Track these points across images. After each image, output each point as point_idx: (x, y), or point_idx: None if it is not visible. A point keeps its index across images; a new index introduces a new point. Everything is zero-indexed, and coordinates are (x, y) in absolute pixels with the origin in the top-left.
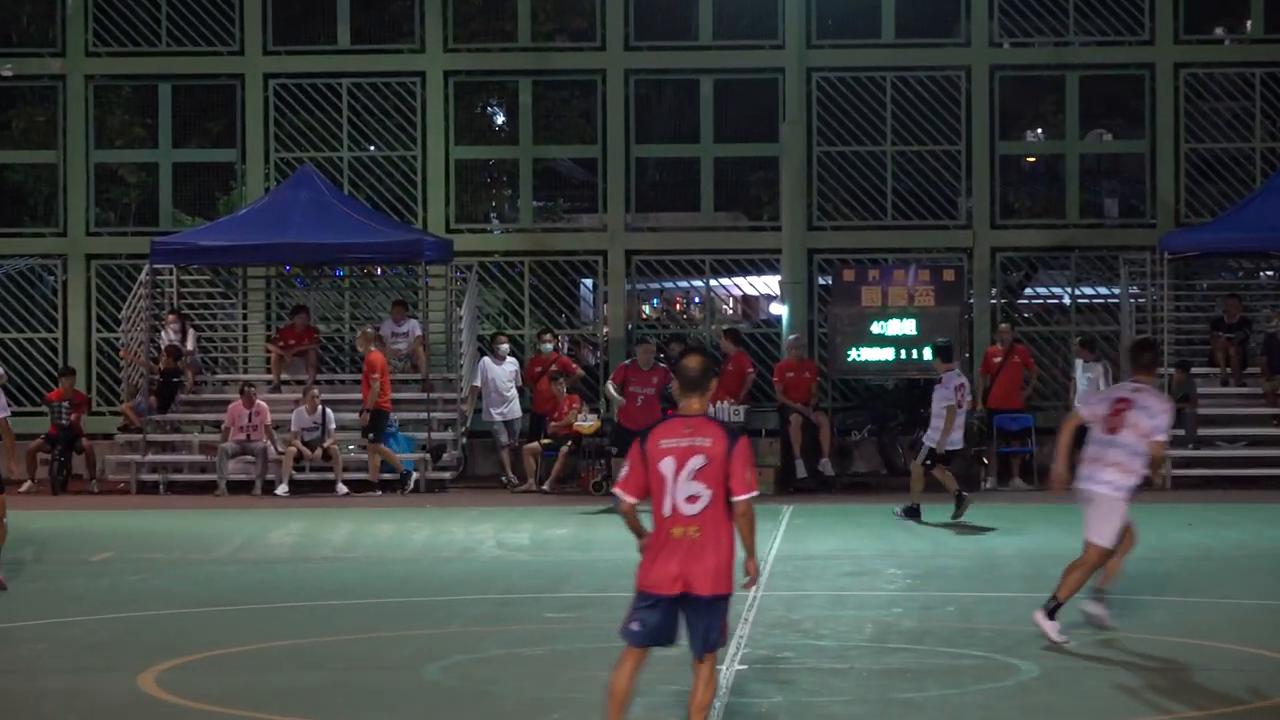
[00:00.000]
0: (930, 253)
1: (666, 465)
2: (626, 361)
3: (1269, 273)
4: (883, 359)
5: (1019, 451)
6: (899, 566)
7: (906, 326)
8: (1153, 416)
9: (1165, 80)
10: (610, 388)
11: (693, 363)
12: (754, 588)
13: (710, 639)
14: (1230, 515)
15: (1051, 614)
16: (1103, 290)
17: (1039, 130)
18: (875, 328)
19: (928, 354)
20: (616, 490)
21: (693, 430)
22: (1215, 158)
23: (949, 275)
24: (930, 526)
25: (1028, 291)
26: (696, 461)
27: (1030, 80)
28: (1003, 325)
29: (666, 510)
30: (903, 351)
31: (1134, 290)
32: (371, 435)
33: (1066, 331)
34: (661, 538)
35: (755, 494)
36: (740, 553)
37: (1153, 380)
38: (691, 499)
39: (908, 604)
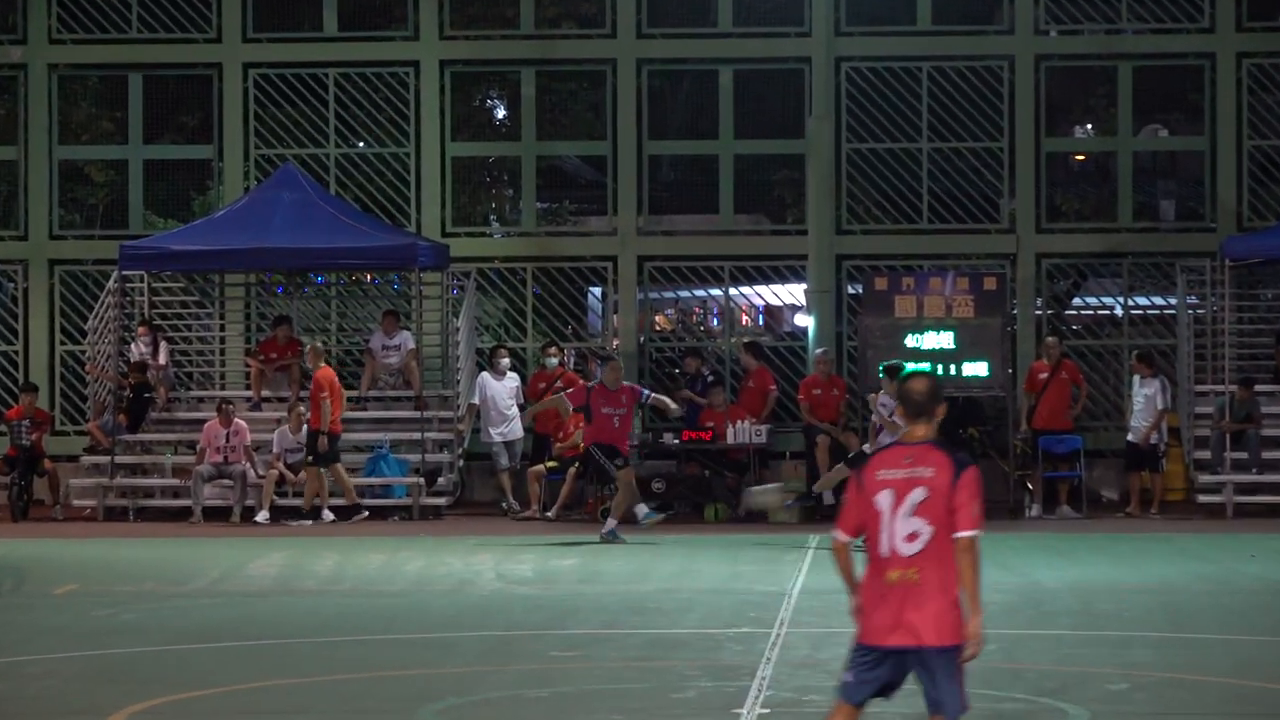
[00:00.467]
0: (970, 259)
1: (883, 499)
2: (590, 384)
3: None
4: None
5: (1066, 476)
6: None
7: (944, 339)
8: None
9: (1227, 71)
10: (544, 404)
11: (919, 385)
12: (972, 655)
13: (948, 702)
14: None
15: None
16: (1158, 300)
17: (1089, 126)
18: (910, 341)
19: (967, 369)
20: (834, 529)
21: (914, 460)
22: None
23: (990, 284)
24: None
25: (1076, 301)
26: (917, 495)
27: (1079, 71)
28: (1049, 338)
29: (884, 550)
30: (940, 366)
31: (1192, 300)
32: (312, 459)
33: (1118, 345)
34: (877, 583)
35: (979, 532)
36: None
37: None
38: (911, 537)
39: None
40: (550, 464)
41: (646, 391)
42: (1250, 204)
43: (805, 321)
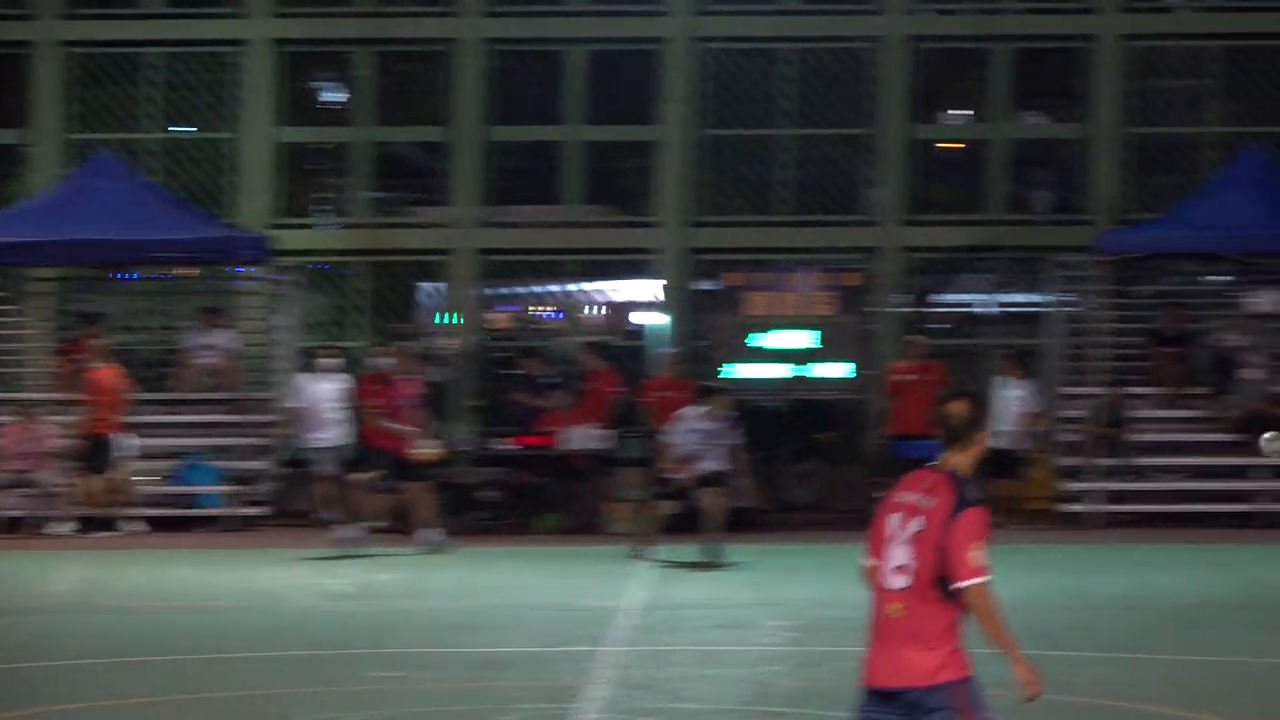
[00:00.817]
0: (831, 253)
1: (891, 522)
2: (375, 382)
3: (1220, 277)
4: (772, 376)
5: None
6: (780, 618)
7: (801, 339)
8: None
9: (1108, 54)
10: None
11: (956, 409)
12: (1034, 699)
13: None
14: (1169, 557)
15: None
16: (1030, 297)
17: (961, 112)
18: (765, 340)
19: (825, 370)
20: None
21: (929, 487)
22: (1163, 144)
23: (852, 279)
24: (815, 572)
25: (943, 298)
26: (915, 525)
27: (953, 54)
28: (914, 337)
29: (883, 580)
30: (796, 368)
31: (1065, 297)
32: (89, 464)
33: (988, 345)
34: (875, 615)
35: (981, 580)
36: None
37: None
38: (900, 569)
39: (789, 661)
40: (378, 472)
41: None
42: (1130, 196)
43: (654, 319)
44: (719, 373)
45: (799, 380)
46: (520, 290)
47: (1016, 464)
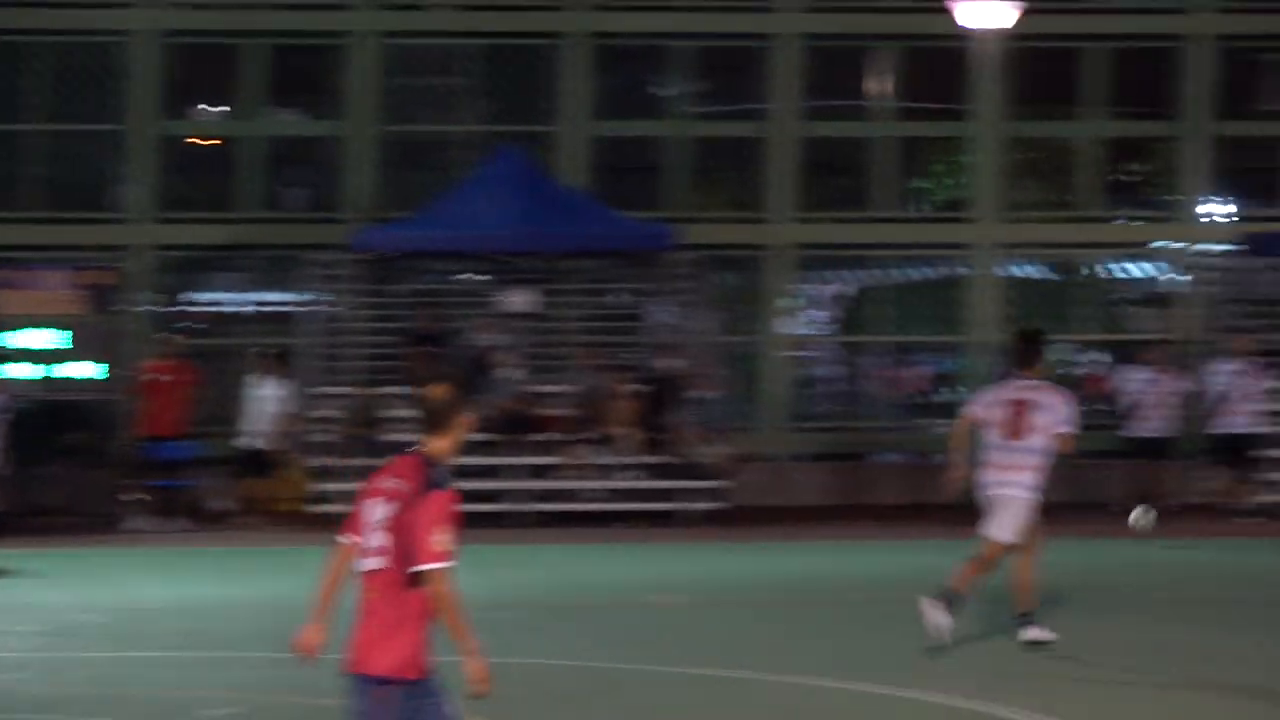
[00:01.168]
0: (81, 251)
1: (368, 509)
2: None
3: (475, 276)
4: (20, 376)
5: (183, 486)
6: (29, 623)
7: (51, 339)
8: (1054, 412)
9: (363, 52)
10: None
11: (434, 393)
12: (482, 697)
13: None
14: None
15: (948, 604)
16: (286, 296)
17: (215, 108)
18: (12, 340)
19: (77, 370)
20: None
21: (404, 471)
22: (419, 143)
23: (103, 278)
24: (65, 577)
25: (197, 297)
26: (388, 509)
27: (206, 49)
28: (166, 336)
29: (361, 563)
30: (45, 368)
31: (321, 296)
32: None
33: (244, 344)
34: (359, 598)
35: (442, 565)
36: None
37: (1041, 375)
38: (375, 552)
39: (37, 667)
40: None
41: None
42: (386, 194)
43: None
44: None
45: (48, 381)
46: None
47: (270, 464)
